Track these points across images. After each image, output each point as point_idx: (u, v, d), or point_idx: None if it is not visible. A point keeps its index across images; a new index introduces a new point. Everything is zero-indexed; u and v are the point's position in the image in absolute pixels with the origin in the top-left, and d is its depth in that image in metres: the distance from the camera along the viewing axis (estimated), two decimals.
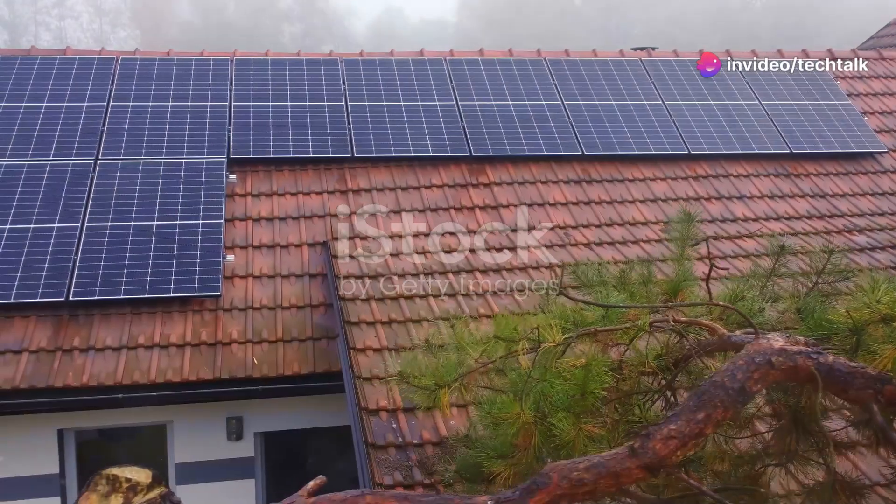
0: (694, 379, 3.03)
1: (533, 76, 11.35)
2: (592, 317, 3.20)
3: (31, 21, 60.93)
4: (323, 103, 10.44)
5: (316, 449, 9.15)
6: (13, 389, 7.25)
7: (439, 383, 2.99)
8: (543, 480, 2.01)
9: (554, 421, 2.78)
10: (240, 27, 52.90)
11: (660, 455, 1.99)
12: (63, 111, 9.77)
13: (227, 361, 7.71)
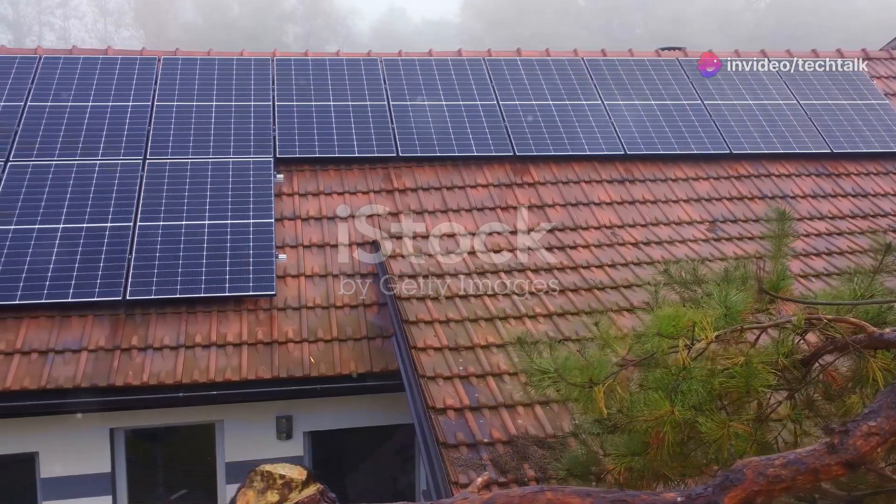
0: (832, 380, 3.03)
1: (572, 76, 11.36)
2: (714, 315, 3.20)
3: (35, 21, 60.89)
4: (365, 103, 10.46)
5: (362, 448, 9.16)
6: (75, 388, 7.27)
7: (593, 380, 3.00)
8: (737, 477, 2.01)
9: (699, 418, 2.80)
10: (243, 27, 52.82)
11: (861, 452, 2.00)
12: (109, 111, 9.79)
13: (283, 360, 7.73)
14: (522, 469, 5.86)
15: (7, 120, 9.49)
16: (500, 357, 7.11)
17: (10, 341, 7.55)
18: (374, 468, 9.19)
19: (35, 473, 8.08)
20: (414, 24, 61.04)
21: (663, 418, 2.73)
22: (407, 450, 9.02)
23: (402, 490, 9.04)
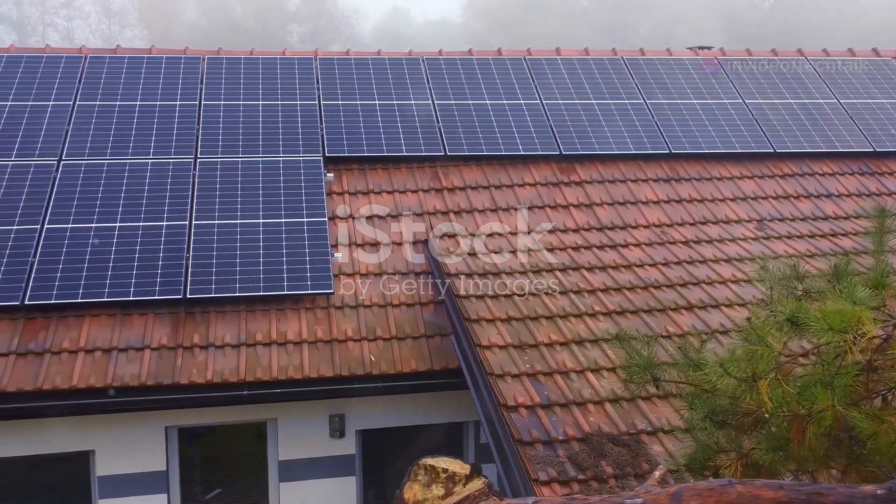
0: None
1: (612, 75, 11.38)
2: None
3: (39, 21, 60.89)
4: (410, 102, 10.48)
5: (410, 446, 9.17)
6: (140, 386, 7.30)
7: (756, 374, 3.01)
8: None
9: (853, 413, 2.82)
10: (247, 28, 52.78)
11: None
12: (157, 110, 9.82)
13: (344, 358, 7.75)
14: (600, 466, 5.88)
15: (57, 120, 9.52)
16: (565, 355, 7.13)
17: (74, 339, 7.58)
18: None
19: (90, 471, 8.12)
20: (417, 24, 61.09)
21: (823, 412, 2.75)
22: (454, 448, 9.04)
23: None
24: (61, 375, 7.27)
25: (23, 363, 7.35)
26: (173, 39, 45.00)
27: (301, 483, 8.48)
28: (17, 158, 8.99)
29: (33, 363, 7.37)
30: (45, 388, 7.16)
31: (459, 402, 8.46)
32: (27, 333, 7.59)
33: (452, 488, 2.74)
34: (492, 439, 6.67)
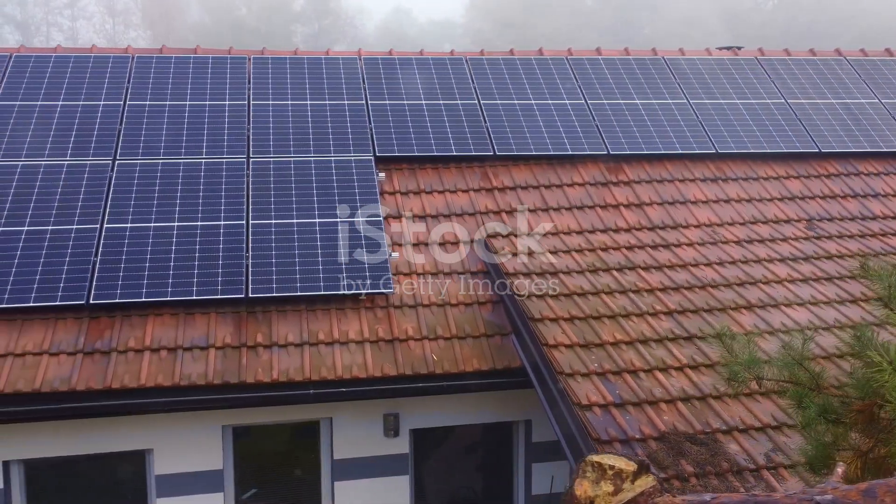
0: None
1: (654, 75, 11.41)
2: None
3: (43, 22, 60.91)
4: (456, 102, 10.51)
5: (462, 445, 9.21)
6: (208, 385, 7.33)
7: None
8: None
9: None
10: (252, 27, 52.79)
11: None
12: (207, 110, 9.84)
13: (407, 358, 7.78)
14: (680, 465, 5.91)
15: (109, 120, 9.55)
16: (631, 354, 7.16)
17: (139, 338, 7.61)
18: (474, 466, 9.23)
19: (146, 470, 8.15)
20: (420, 24, 61.13)
21: None
22: (504, 447, 9.07)
23: (501, 486, 9.10)
24: (129, 374, 7.29)
25: (90, 362, 7.38)
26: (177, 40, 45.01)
27: (355, 482, 8.51)
28: (72, 158, 9.02)
29: (100, 362, 7.40)
30: (114, 387, 7.19)
31: (509, 401, 8.51)
32: (92, 332, 7.62)
33: (621, 485, 2.76)
34: (564, 438, 6.70)
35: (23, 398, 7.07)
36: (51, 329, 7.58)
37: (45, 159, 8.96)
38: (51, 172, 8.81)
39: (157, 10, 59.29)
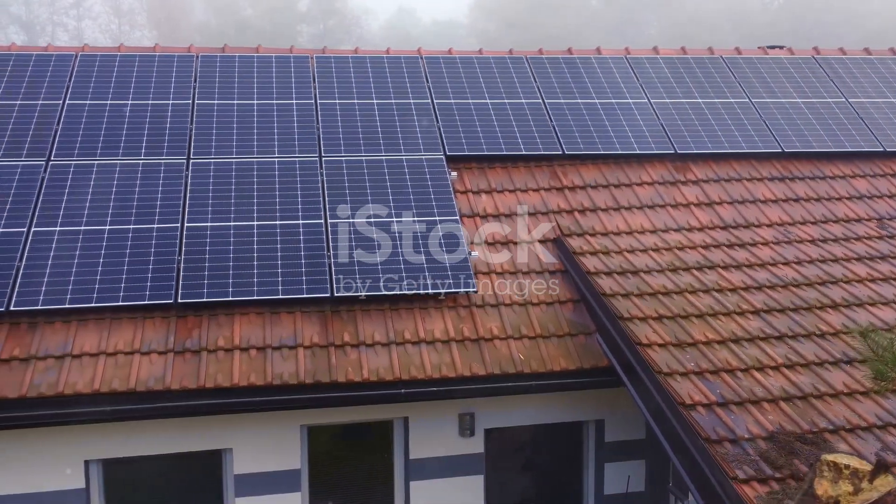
0: None
1: (714, 74, 11.40)
2: None
3: (49, 21, 60.89)
4: (521, 101, 10.50)
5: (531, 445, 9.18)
6: (300, 384, 7.32)
7: None
8: None
9: None
10: (257, 28, 52.70)
11: None
12: (275, 108, 9.84)
13: (494, 357, 7.77)
14: (794, 465, 5.89)
15: (179, 118, 9.54)
16: (725, 353, 7.14)
17: (228, 337, 7.60)
18: (543, 466, 9.20)
19: (222, 469, 8.14)
20: (424, 24, 61.12)
21: None
22: (575, 447, 9.05)
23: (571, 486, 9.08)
24: (222, 373, 7.28)
25: (181, 361, 7.38)
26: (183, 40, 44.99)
27: (430, 482, 8.50)
28: (147, 157, 9.01)
29: (191, 361, 7.39)
30: (207, 386, 7.18)
31: (580, 400, 8.49)
32: (181, 331, 7.61)
33: (859, 484, 2.75)
34: (665, 438, 6.68)
35: (118, 397, 7.06)
36: (140, 328, 7.58)
37: (119, 158, 8.95)
38: (127, 171, 8.81)
39: (162, 11, 59.28)
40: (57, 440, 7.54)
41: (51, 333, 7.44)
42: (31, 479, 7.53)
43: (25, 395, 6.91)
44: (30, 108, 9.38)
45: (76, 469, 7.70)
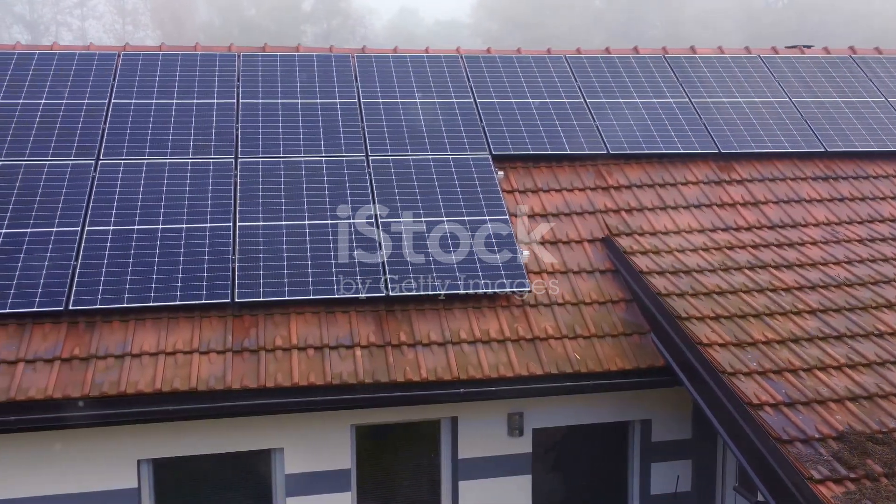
0: None
1: (753, 73, 11.40)
2: None
3: (52, 21, 60.86)
4: (563, 100, 10.49)
5: (576, 445, 9.15)
6: (360, 384, 7.31)
7: None
8: None
9: None
10: (261, 27, 52.64)
11: None
12: (319, 107, 9.83)
13: (550, 357, 7.76)
14: (867, 465, 5.87)
15: (225, 117, 9.53)
16: (786, 353, 7.13)
17: (285, 337, 7.59)
18: (588, 465, 9.18)
19: (271, 469, 8.13)
20: (426, 24, 61.02)
21: None
22: (620, 447, 9.04)
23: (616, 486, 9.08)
24: (281, 373, 7.28)
25: (240, 360, 7.37)
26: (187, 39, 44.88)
27: (479, 481, 8.48)
28: (195, 156, 9.00)
29: (250, 360, 7.38)
30: (268, 386, 7.18)
31: (627, 400, 8.48)
32: (238, 331, 7.60)
33: None
34: (731, 438, 6.66)
35: (179, 397, 7.06)
36: (197, 327, 7.57)
37: (168, 157, 8.94)
38: (176, 170, 8.80)
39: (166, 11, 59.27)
40: (109, 440, 7.53)
41: (109, 333, 7.43)
42: (83, 478, 7.52)
43: (88, 394, 6.90)
44: (76, 108, 9.38)
45: (129, 468, 7.70)
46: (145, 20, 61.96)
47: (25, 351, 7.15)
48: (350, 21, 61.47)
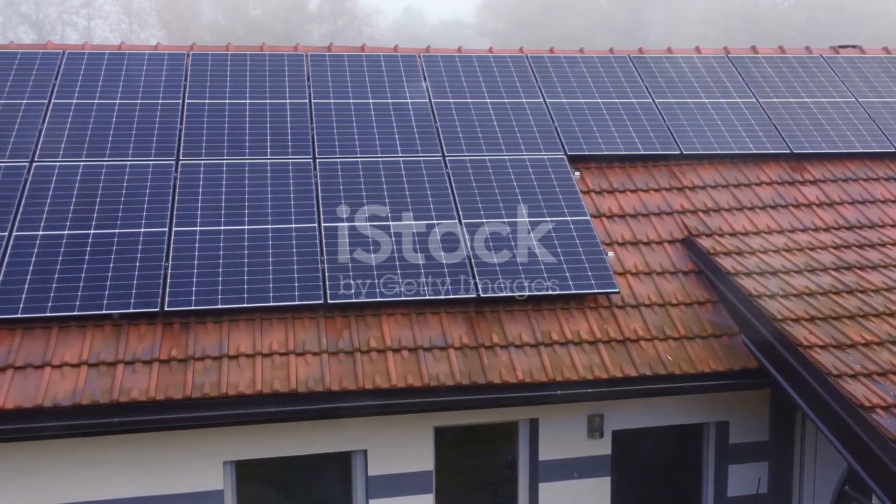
0: None
1: (817, 72, 11.37)
2: None
3: (58, 21, 60.84)
4: (631, 100, 10.46)
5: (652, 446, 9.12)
6: (456, 385, 7.28)
7: None
8: None
9: None
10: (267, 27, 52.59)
11: None
12: (391, 107, 9.80)
13: (642, 358, 7.72)
14: None
15: (299, 117, 9.50)
16: (887, 355, 7.09)
17: (379, 338, 7.56)
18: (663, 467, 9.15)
19: (351, 471, 8.10)
20: (431, 24, 60.98)
21: None
22: (694, 449, 9.00)
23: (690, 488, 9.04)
24: (379, 375, 7.25)
25: (336, 362, 7.34)
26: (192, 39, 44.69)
27: (558, 483, 8.45)
28: (273, 157, 8.97)
29: (345, 362, 7.35)
30: (367, 388, 7.15)
31: (704, 402, 8.43)
32: (331, 332, 7.57)
33: None
34: (840, 441, 6.61)
35: (280, 398, 7.03)
36: (290, 329, 7.54)
37: (247, 158, 8.91)
38: (256, 171, 8.77)
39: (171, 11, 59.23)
40: (196, 441, 7.50)
41: (204, 334, 7.40)
42: (170, 480, 7.49)
43: (190, 395, 6.88)
44: (151, 108, 9.35)
45: (215, 470, 7.67)
46: (151, 20, 61.98)
47: (123, 352, 7.12)
48: (356, 21, 61.47)
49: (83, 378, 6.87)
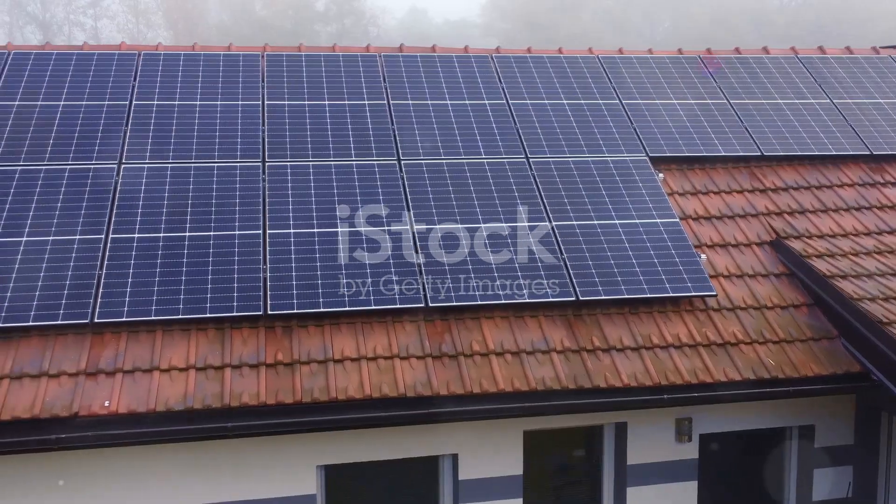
0: None
1: (887, 72, 11.27)
2: None
3: (65, 21, 60.79)
4: (707, 101, 10.40)
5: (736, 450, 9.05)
6: (563, 389, 7.22)
7: None
8: None
9: None
10: (274, 27, 52.50)
11: None
12: (469, 108, 9.74)
13: (744, 363, 7.66)
14: None
15: (379, 118, 9.44)
16: None
17: (481, 342, 7.50)
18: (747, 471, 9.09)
19: (440, 475, 8.05)
20: (436, 24, 60.96)
21: None
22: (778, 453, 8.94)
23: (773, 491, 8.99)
24: (485, 379, 7.20)
25: (441, 366, 7.28)
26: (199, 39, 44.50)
27: (646, 488, 8.39)
28: (357, 158, 8.91)
29: (450, 366, 7.30)
30: (474, 392, 7.09)
31: (788, 406, 8.37)
32: (433, 335, 7.51)
33: None
34: None
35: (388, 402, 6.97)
36: (392, 332, 7.48)
37: (332, 159, 8.85)
38: (342, 172, 8.70)
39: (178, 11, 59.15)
40: (290, 445, 7.45)
41: (306, 337, 7.35)
42: (265, 484, 7.45)
43: (301, 400, 6.82)
44: (231, 109, 9.29)
45: (308, 474, 7.62)
46: (157, 20, 61.95)
47: (230, 356, 7.07)
48: (363, 21, 61.41)
49: (192, 382, 6.82)
